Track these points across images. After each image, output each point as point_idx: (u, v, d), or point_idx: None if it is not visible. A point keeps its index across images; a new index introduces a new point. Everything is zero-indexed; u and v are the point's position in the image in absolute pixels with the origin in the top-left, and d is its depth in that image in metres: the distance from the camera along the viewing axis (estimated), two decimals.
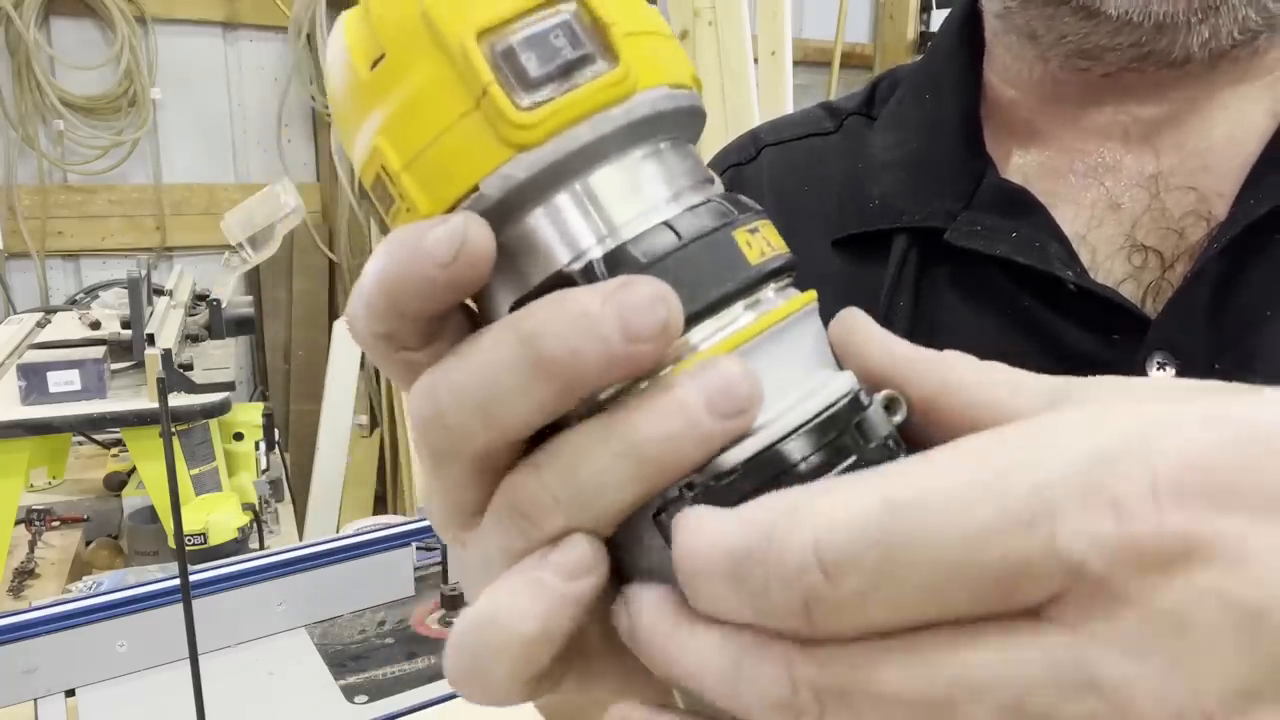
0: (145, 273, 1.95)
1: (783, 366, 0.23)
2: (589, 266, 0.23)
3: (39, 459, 1.96)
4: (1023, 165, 0.50)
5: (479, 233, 0.22)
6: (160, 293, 2.23)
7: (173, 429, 1.06)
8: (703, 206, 0.24)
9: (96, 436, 2.32)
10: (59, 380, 1.80)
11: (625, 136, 0.23)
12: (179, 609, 1.03)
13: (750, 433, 0.22)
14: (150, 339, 1.84)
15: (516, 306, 0.23)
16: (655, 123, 0.24)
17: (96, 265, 3.08)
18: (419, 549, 1.56)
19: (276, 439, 2.34)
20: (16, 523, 1.85)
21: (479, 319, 0.25)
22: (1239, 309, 0.42)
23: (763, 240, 0.24)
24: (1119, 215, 0.46)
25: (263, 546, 1.91)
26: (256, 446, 2.13)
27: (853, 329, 0.26)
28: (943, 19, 0.62)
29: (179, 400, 1.81)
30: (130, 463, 2.02)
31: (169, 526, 1.82)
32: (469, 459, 0.23)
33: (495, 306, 0.24)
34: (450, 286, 0.22)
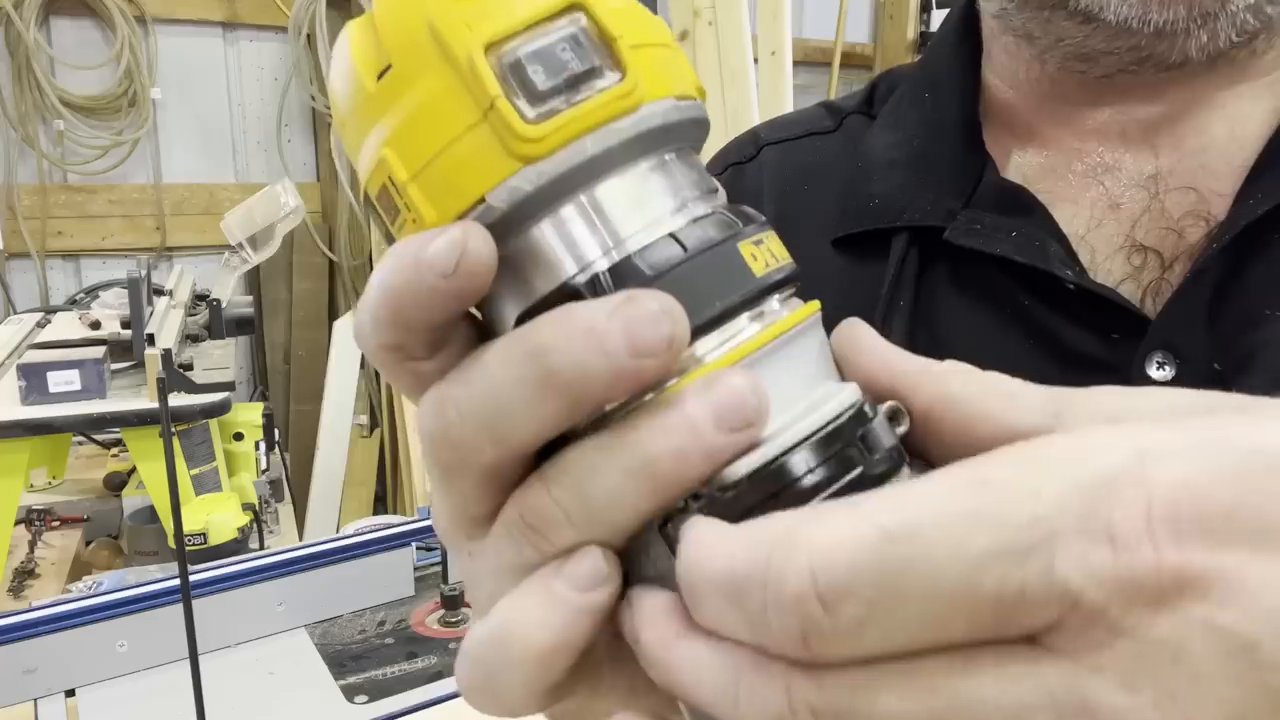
0: (145, 273, 1.95)
1: (788, 378, 0.23)
2: (595, 279, 0.23)
3: (39, 459, 1.96)
4: (1022, 165, 0.50)
5: (479, 243, 0.22)
6: (160, 293, 2.23)
7: (173, 429, 1.06)
8: (708, 218, 0.24)
9: (96, 436, 2.32)
10: (59, 380, 1.80)
11: (631, 149, 0.23)
12: (179, 609, 1.03)
13: (756, 444, 0.22)
14: (150, 339, 1.84)
15: (523, 318, 0.23)
16: (661, 135, 0.24)
17: (96, 265, 3.08)
18: (419, 549, 1.56)
19: (276, 439, 2.34)
20: (16, 523, 1.85)
21: (485, 328, 0.25)
22: (1238, 309, 0.42)
23: (767, 252, 0.24)
24: (1118, 215, 0.46)
25: (263, 546, 1.91)
26: (256, 446, 2.13)
27: (853, 340, 0.26)
28: (942, 19, 0.62)
29: (179, 400, 1.81)
30: (130, 463, 2.02)
31: (169, 526, 1.82)
32: (477, 472, 0.23)
33: (502, 316, 0.24)
34: (453, 297, 0.22)
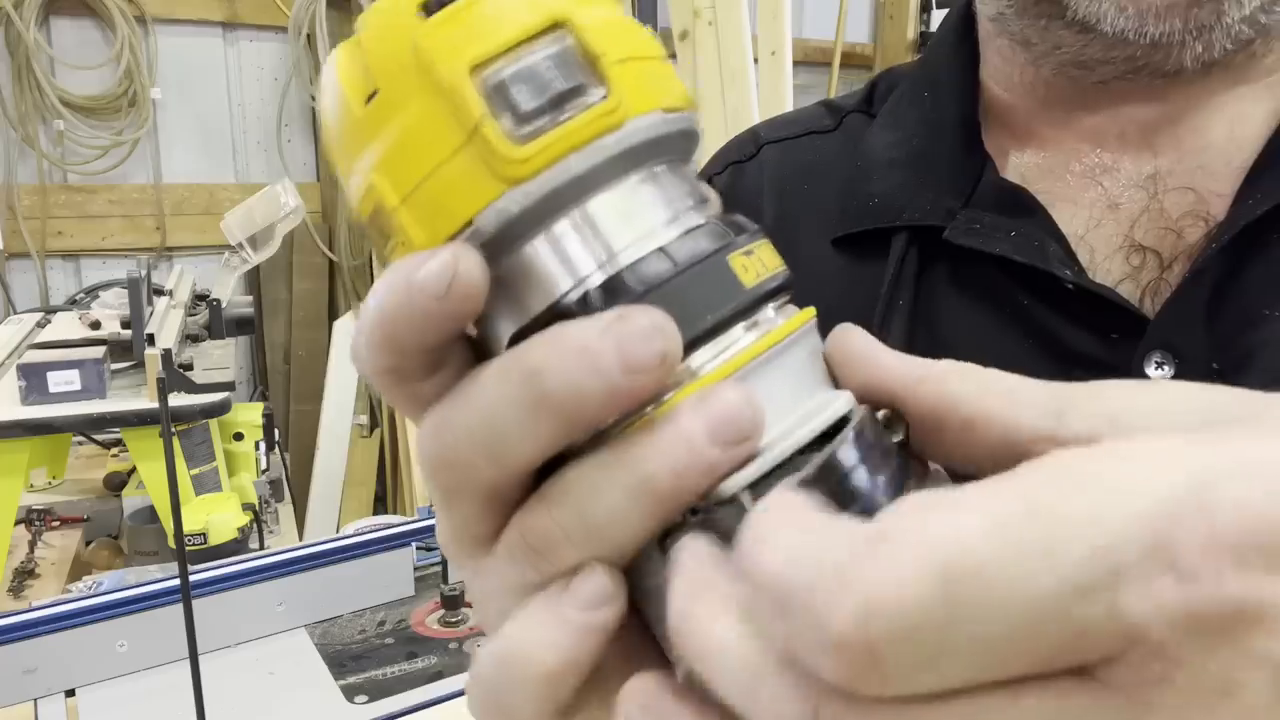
0: (145, 273, 1.95)
1: (783, 387, 0.24)
2: (586, 297, 0.23)
3: (39, 459, 1.96)
4: (1020, 165, 0.50)
5: (471, 265, 0.22)
6: (160, 293, 2.24)
7: (173, 429, 1.06)
8: (699, 230, 0.24)
9: (96, 436, 2.32)
10: (59, 380, 1.80)
11: (619, 164, 0.23)
12: (179, 609, 1.03)
13: (753, 456, 0.22)
14: (150, 339, 1.84)
15: (517, 338, 0.23)
16: (649, 148, 0.24)
17: (96, 265, 3.08)
18: (419, 549, 1.56)
19: (276, 439, 2.34)
20: (16, 523, 1.85)
21: (481, 347, 0.25)
22: (1237, 309, 0.42)
23: (758, 261, 0.24)
24: (1117, 215, 0.46)
25: (263, 546, 1.92)
26: (256, 446, 2.13)
27: (847, 346, 0.26)
28: (942, 19, 0.62)
29: (179, 400, 1.81)
30: (130, 463, 2.02)
31: (169, 526, 1.82)
32: (478, 494, 0.23)
33: (497, 335, 0.24)
34: (446, 319, 0.22)
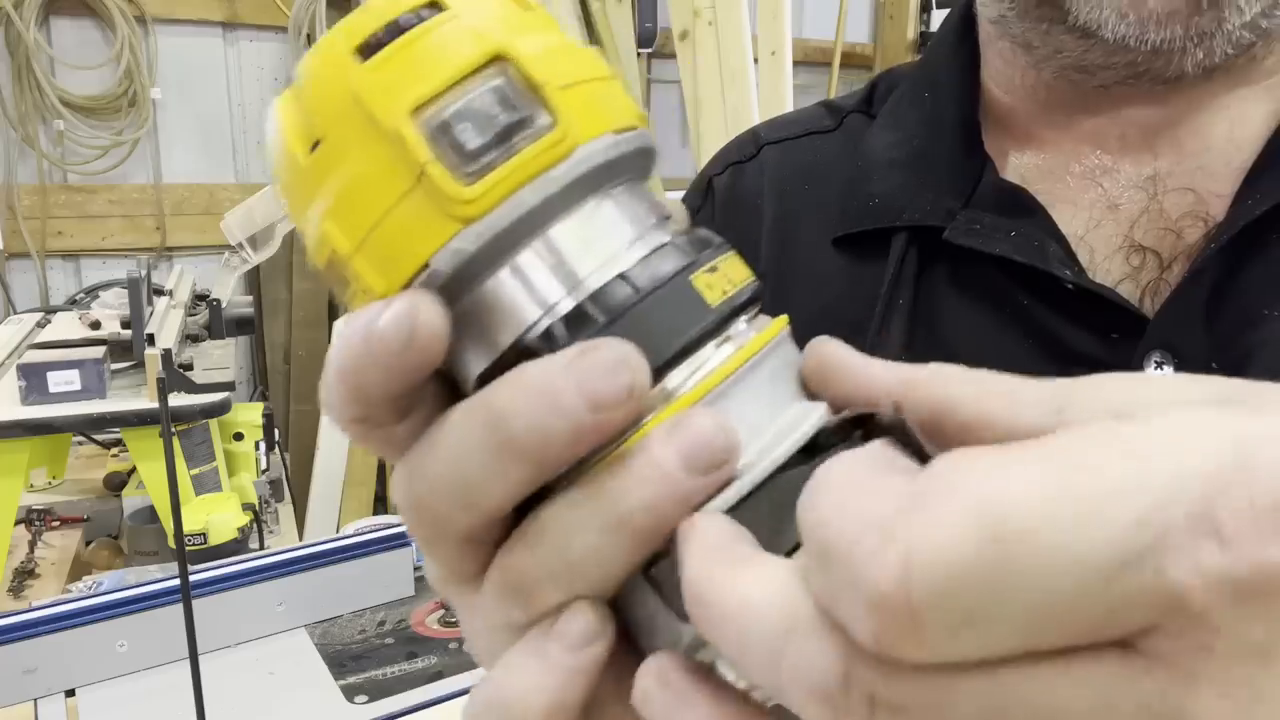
0: (145, 273, 1.95)
1: (759, 403, 0.23)
2: (550, 331, 0.22)
3: (39, 459, 1.96)
4: (1020, 166, 0.50)
5: (429, 315, 0.21)
6: (160, 293, 2.23)
7: (173, 429, 1.06)
8: (660, 250, 0.23)
9: (96, 436, 2.32)
10: (59, 380, 1.80)
11: (573, 192, 0.23)
12: (179, 609, 1.03)
13: (732, 479, 0.22)
14: (150, 339, 1.84)
15: (483, 377, 0.23)
16: (603, 172, 0.23)
17: (96, 265, 3.08)
18: (419, 549, 1.55)
19: (276, 439, 2.34)
20: (16, 523, 1.85)
21: (453, 383, 0.25)
22: (1236, 308, 0.42)
23: (723, 278, 0.24)
24: (1117, 216, 0.46)
25: (263, 546, 1.91)
26: (256, 446, 2.13)
27: (827, 357, 0.25)
28: (942, 19, 0.62)
29: (179, 400, 1.81)
30: (130, 463, 2.02)
31: (169, 526, 1.82)
32: (456, 539, 0.23)
33: (465, 374, 0.24)
34: (408, 370, 0.22)
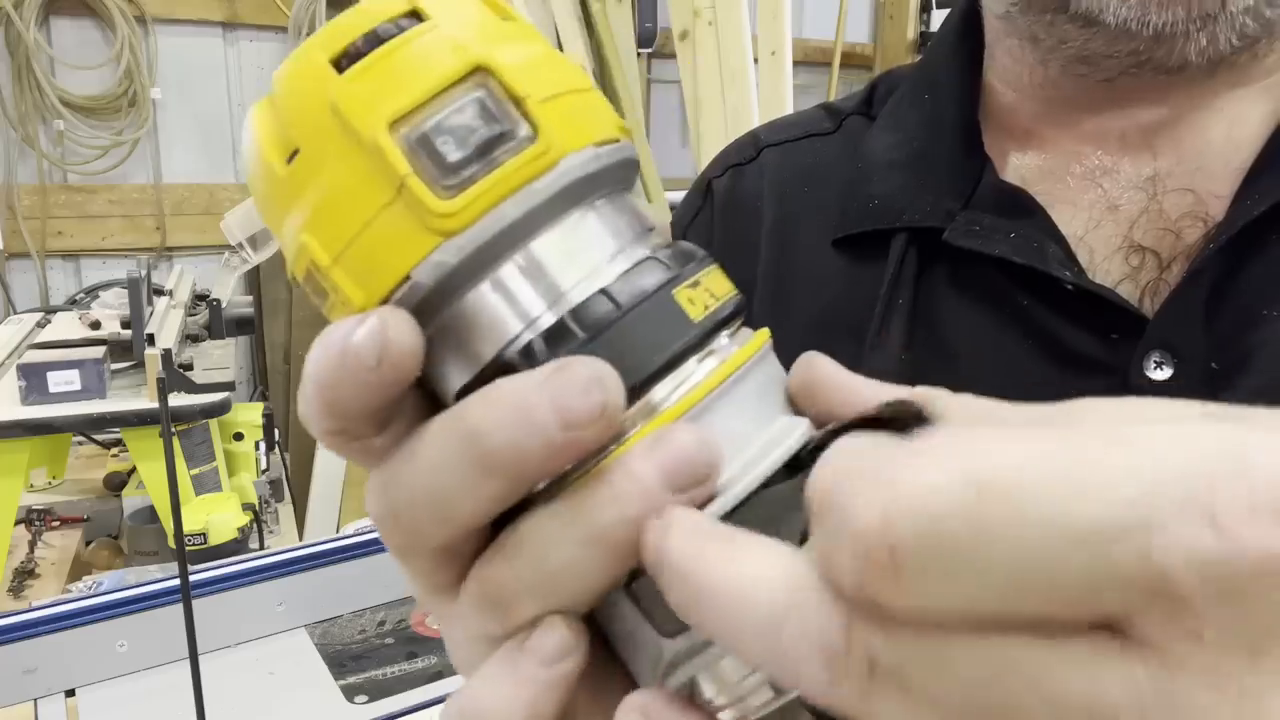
0: (145, 273, 1.95)
1: (742, 418, 0.23)
2: (529, 347, 0.22)
3: (39, 459, 1.97)
4: (1020, 167, 0.50)
5: (401, 332, 0.21)
6: (160, 293, 2.24)
7: (173, 429, 1.07)
8: (643, 265, 0.23)
9: (96, 436, 2.33)
10: (59, 380, 1.80)
11: (555, 205, 0.23)
12: (179, 609, 1.03)
13: (714, 496, 0.22)
14: (150, 339, 1.84)
15: (461, 391, 0.23)
16: (585, 185, 0.23)
17: (96, 265, 3.08)
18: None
19: (276, 439, 2.34)
20: (16, 523, 1.86)
21: (433, 393, 0.24)
22: (1235, 308, 0.42)
23: (705, 293, 0.23)
24: (1116, 216, 0.46)
25: (263, 546, 1.92)
26: (256, 446, 2.13)
27: (815, 373, 0.25)
28: (942, 19, 0.62)
29: (179, 400, 1.81)
30: (130, 463, 2.02)
31: (169, 526, 1.82)
32: (431, 552, 0.23)
33: (445, 386, 0.24)
34: (382, 385, 0.22)
